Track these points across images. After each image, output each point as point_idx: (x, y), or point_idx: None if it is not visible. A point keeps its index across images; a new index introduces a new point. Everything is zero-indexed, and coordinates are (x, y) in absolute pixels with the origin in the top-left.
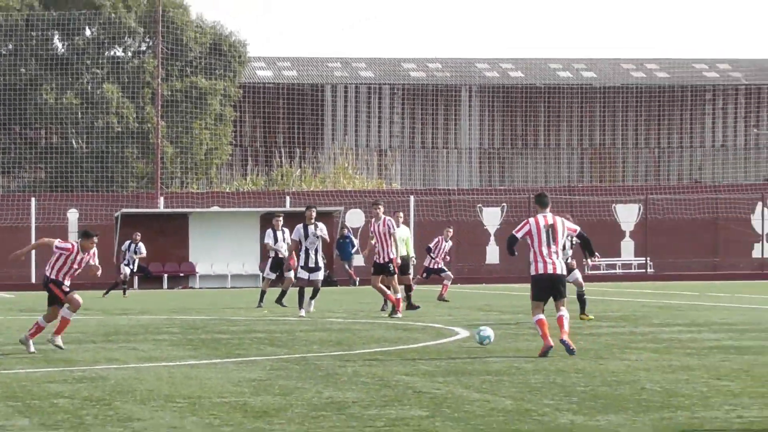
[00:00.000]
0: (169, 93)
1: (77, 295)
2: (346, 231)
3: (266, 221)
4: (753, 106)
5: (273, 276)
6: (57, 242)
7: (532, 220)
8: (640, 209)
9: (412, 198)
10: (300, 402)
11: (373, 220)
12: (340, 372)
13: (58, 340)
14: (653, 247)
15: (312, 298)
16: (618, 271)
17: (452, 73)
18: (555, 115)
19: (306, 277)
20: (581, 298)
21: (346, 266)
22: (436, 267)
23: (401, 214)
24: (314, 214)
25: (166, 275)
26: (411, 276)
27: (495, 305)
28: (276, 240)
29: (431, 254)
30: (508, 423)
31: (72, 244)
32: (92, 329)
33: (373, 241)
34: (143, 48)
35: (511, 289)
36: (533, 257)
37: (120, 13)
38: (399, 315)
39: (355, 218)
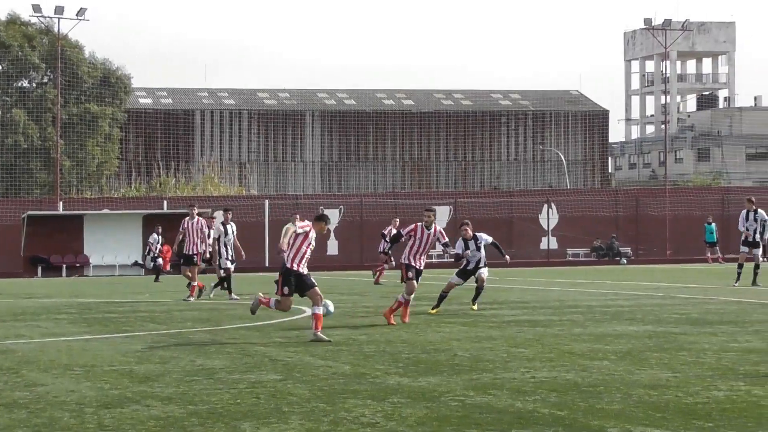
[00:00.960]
0: (67, 117)
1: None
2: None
3: (148, 221)
4: (538, 128)
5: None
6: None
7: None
8: (450, 210)
9: (266, 202)
10: (176, 369)
11: (187, 218)
12: (209, 344)
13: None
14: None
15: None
16: (434, 260)
17: (298, 100)
18: (381, 135)
19: (231, 267)
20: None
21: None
22: (385, 250)
23: (297, 216)
24: (230, 215)
25: (64, 265)
26: None
27: (335, 289)
28: (226, 233)
29: (386, 240)
30: (347, 384)
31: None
32: (2, 310)
33: (181, 237)
34: (45, 80)
35: (347, 275)
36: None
37: (26, 52)
38: (192, 299)
39: (220, 218)
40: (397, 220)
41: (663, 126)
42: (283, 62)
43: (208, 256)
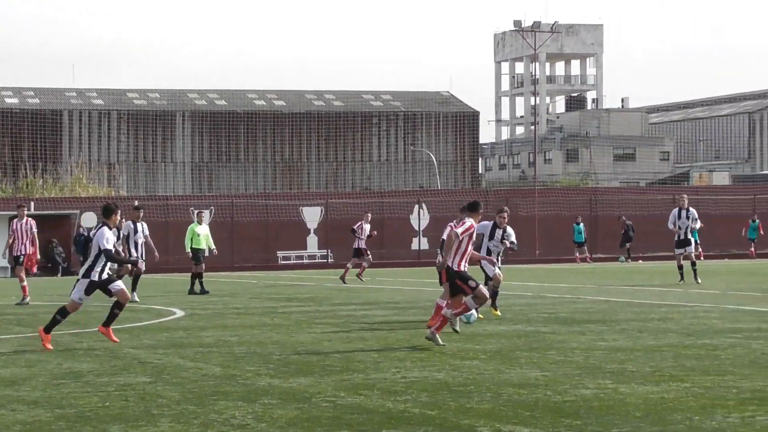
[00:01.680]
0: None
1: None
2: (81, 230)
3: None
4: (410, 129)
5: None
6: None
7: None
8: (322, 211)
9: (135, 203)
10: (43, 372)
11: (15, 220)
12: (77, 347)
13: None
14: (333, 241)
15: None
16: (305, 261)
17: (168, 101)
18: (252, 136)
19: (142, 267)
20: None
21: (81, 258)
22: (361, 247)
23: (205, 213)
24: (141, 214)
25: None
26: (203, 266)
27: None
28: (136, 231)
29: (357, 235)
30: (218, 386)
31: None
32: None
33: (11, 240)
34: None
35: (218, 276)
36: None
37: None
38: (27, 300)
39: (89, 220)
40: (369, 214)
41: (532, 127)
42: (154, 62)
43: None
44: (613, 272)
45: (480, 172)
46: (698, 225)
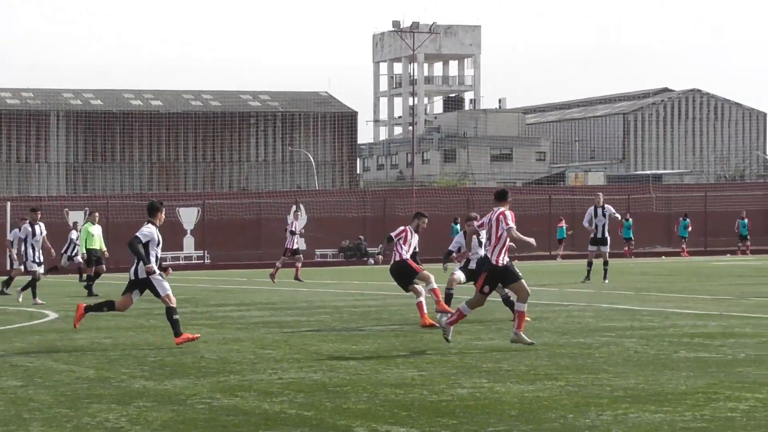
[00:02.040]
0: None
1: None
2: None
3: None
4: (288, 129)
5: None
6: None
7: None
8: (199, 211)
9: (8, 204)
10: None
11: None
12: None
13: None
14: (210, 242)
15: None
16: (181, 261)
17: (42, 100)
18: (129, 136)
19: (39, 270)
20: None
21: None
22: (294, 247)
23: (97, 213)
24: (39, 215)
25: None
26: (103, 267)
27: (82, 292)
28: (34, 233)
29: (291, 233)
30: (91, 389)
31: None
32: None
33: None
34: None
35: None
36: None
37: None
38: None
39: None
40: (296, 211)
41: (410, 127)
42: (27, 61)
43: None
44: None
45: (358, 172)
46: (619, 216)
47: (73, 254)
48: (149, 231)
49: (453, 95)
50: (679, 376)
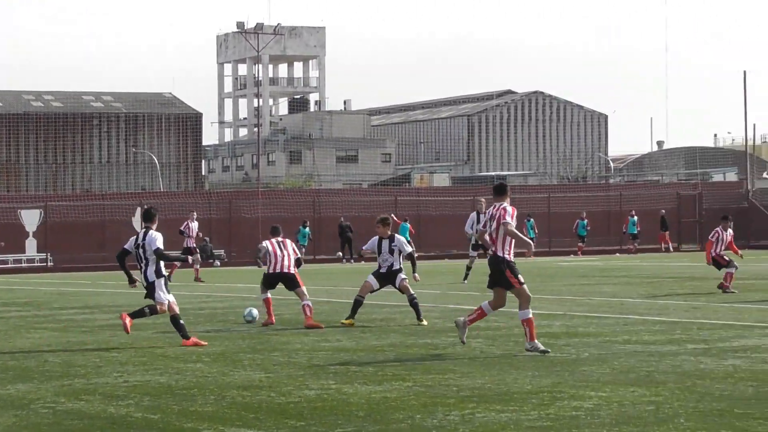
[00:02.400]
0: None
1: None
2: None
3: None
4: (131, 130)
5: None
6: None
7: None
8: (41, 213)
9: None
10: None
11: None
12: None
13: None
14: (53, 244)
15: None
16: (24, 264)
17: None
18: None
19: None
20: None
21: None
22: (191, 246)
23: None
24: None
25: None
26: None
27: None
28: None
29: (185, 235)
30: None
31: None
32: None
33: None
34: None
35: None
36: None
37: None
38: None
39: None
40: (195, 213)
41: (255, 129)
42: None
43: None
44: (337, 273)
45: (203, 173)
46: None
47: None
48: (159, 236)
49: (298, 97)
50: (525, 375)
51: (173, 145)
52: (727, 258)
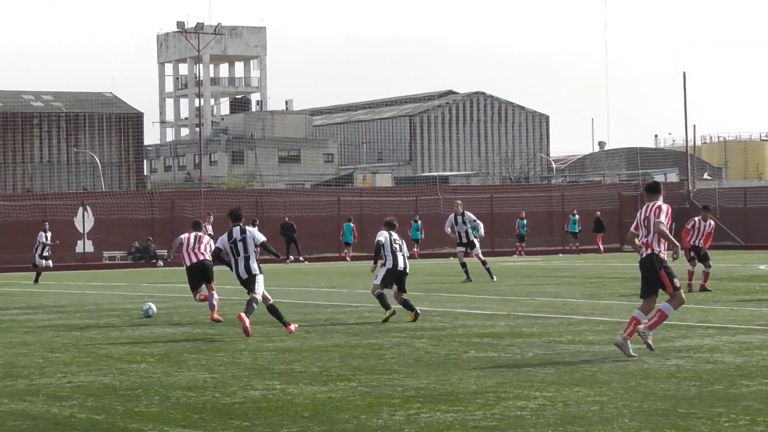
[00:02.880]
0: None
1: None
2: None
3: None
4: (72, 130)
5: None
6: None
7: None
8: None
9: None
10: None
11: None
12: None
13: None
14: None
15: None
16: None
17: None
18: None
19: None
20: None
21: None
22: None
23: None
24: None
25: None
26: None
27: None
28: None
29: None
30: None
31: None
32: None
33: None
34: None
35: None
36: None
37: None
38: None
39: None
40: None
41: (197, 129)
42: None
43: None
44: (279, 273)
45: (145, 173)
46: (481, 229)
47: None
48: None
49: (239, 96)
50: (470, 375)
51: (115, 144)
52: (702, 254)
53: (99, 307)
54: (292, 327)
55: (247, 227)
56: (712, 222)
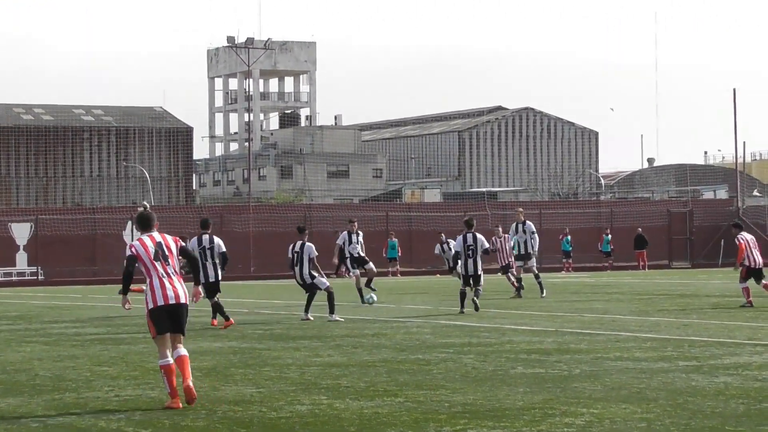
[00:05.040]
0: None
1: None
2: None
3: None
4: (122, 144)
5: None
6: None
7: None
8: (32, 227)
9: None
10: None
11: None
12: None
13: None
14: (44, 258)
15: None
16: (14, 278)
17: None
18: None
19: None
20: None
21: None
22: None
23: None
24: None
25: None
26: None
27: None
28: None
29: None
30: None
31: None
32: None
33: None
34: None
35: None
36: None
37: None
38: None
39: None
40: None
41: (246, 143)
42: None
43: None
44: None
45: (194, 188)
46: (536, 243)
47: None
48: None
49: (289, 111)
50: (516, 391)
51: (164, 159)
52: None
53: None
54: (232, 320)
55: (214, 237)
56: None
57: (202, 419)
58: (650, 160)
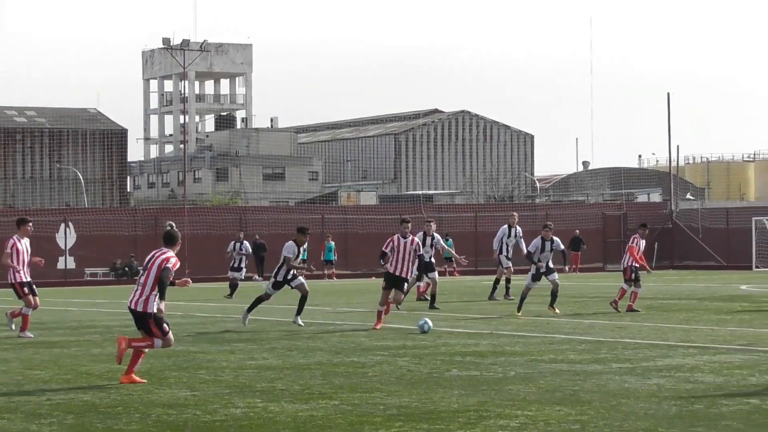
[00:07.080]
0: None
1: None
2: None
3: None
4: (55, 146)
5: None
6: None
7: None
8: None
9: None
10: None
11: None
12: None
13: None
14: None
15: None
16: None
17: None
18: None
19: None
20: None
21: None
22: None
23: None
24: None
25: None
26: None
27: None
28: None
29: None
30: None
31: None
32: None
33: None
34: None
35: None
36: None
37: None
38: None
39: None
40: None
41: (182, 145)
42: None
43: None
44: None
45: (129, 190)
46: (523, 246)
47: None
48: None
49: (225, 113)
50: (451, 394)
51: (98, 161)
52: (635, 276)
53: (80, 323)
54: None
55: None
56: (644, 241)
57: (136, 422)
58: (585, 164)
